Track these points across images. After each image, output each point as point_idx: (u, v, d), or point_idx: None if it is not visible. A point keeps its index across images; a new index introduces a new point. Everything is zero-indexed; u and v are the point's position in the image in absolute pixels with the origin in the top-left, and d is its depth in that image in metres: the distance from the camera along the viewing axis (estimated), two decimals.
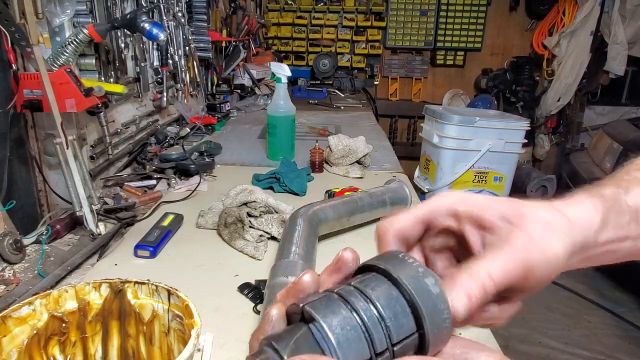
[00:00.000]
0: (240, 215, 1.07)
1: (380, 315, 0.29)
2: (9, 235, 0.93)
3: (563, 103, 4.22)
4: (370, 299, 0.29)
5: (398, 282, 0.30)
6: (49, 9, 1.09)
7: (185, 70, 1.90)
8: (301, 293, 0.32)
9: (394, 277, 0.30)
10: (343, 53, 4.35)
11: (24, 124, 1.12)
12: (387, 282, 0.30)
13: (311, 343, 0.29)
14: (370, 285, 0.30)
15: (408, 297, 0.29)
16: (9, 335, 0.51)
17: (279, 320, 0.32)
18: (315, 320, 0.29)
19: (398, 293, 0.30)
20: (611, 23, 3.80)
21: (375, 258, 0.32)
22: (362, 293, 0.30)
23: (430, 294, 0.29)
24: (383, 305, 0.29)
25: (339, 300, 0.30)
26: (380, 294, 0.29)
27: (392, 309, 0.29)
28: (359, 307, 0.29)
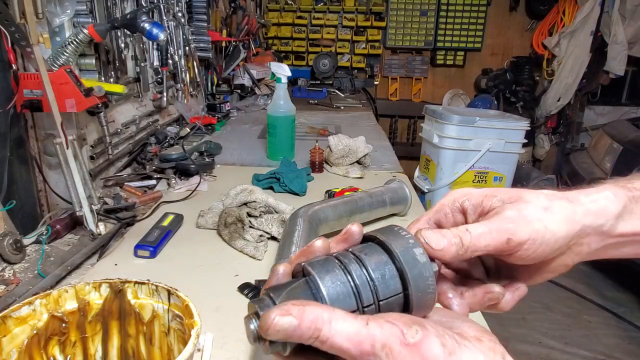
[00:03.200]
0: (240, 215, 1.07)
1: (369, 275, 0.33)
2: (9, 235, 0.93)
3: (563, 103, 4.22)
4: (362, 262, 0.34)
5: (389, 250, 0.34)
6: (49, 9, 1.09)
7: (185, 70, 1.90)
8: (311, 255, 0.36)
9: (386, 246, 0.34)
10: (343, 53, 4.35)
11: (24, 124, 1.12)
12: (380, 250, 0.35)
13: (304, 293, 0.33)
14: (364, 252, 0.35)
15: (397, 263, 0.34)
16: (9, 335, 0.51)
17: (284, 276, 0.36)
18: (310, 274, 0.33)
19: (388, 259, 0.34)
20: (611, 23, 3.80)
21: (375, 230, 0.37)
22: (357, 257, 0.34)
23: (417, 262, 0.34)
24: (373, 268, 0.33)
25: (335, 262, 0.34)
26: (372, 258, 0.34)
27: (380, 271, 0.33)
28: (351, 268, 0.33)
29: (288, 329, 0.30)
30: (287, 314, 0.30)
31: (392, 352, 0.30)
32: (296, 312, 0.30)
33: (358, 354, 0.30)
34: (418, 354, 0.30)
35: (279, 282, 0.36)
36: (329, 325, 0.30)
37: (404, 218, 1.25)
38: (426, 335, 0.30)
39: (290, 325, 0.30)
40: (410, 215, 1.26)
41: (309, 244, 0.37)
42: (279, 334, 0.30)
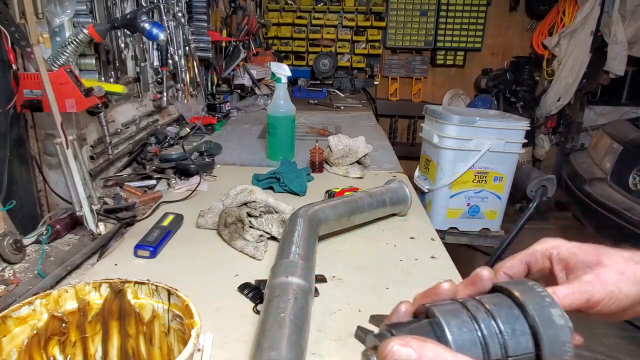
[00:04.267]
0: (240, 215, 1.07)
1: (499, 327, 0.30)
2: (9, 235, 0.93)
3: (563, 103, 4.22)
4: (492, 313, 0.31)
5: (522, 305, 0.31)
6: (49, 9, 1.09)
7: (185, 70, 1.90)
8: (436, 297, 0.35)
9: (519, 300, 0.32)
10: (343, 53, 4.35)
11: (24, 124, 1.12)
12: (512, 303, 0.32)
13: (427, 335, 0.31)
14: (493, 302, 0.32)
15: (530, 320, 0.31)
16: (9, 335, 0.51)
17: (406, 314, 0.36)
18: (435, 317, 0.31)
19: (520, 313, 0.31)
20: (611, 23, 3.80)
21: (506, 282, 0.35)
22: (484, 307, 0.32)
23: (554, 323, 0.31)
24: (503, 321, 0.31)
25: (462, 308, 0.32)
26: (502, 310, 0.31)
27: (511, 326, 0.31)
28: (479, 317, 0.31)
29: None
30: (407, 345, 0.29)
31: None
32: (416, 345, 0.29)
33: None
34: None
35: (399, 320, 0.35)
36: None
37: (404, 218, 1.25)
38: None
39: (409, 357, 0.29)
40: (410, 216, 1.26)
41: (435, 286, 0.36)
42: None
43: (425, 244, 1.11)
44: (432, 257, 1.04)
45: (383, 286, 0.91)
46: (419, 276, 0.96)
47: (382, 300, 0.87)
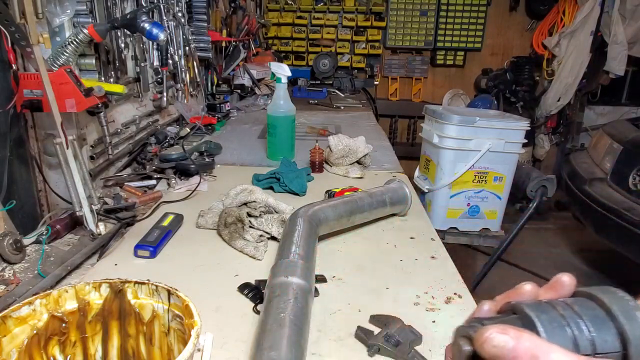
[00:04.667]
0: (240, 215, 1.07)
1: (586, 325, 0.32)
2: (9, 235, 0.93)
3: (563, 103, 4.22)
4: (577, 312, 0.32)
5: (607, 306, 0.32)
6: (49, 9, 1.09)
7: (185, 70, 1.90)
8: (519, 297, 0.35)
9: (604, 302, 0.33)
10: (343, 53, 4.35)
11: (24, 124, 1.12)
12: (596, 306, 0.33)
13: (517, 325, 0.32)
14: (578, 303, 0.33)
15: (616, 321, 0.32)
16: (9, 335, 0.51)
17: (489, 313, 0.36)
18: (524, 312, 0.32)
19: (605, 315, 0.32)
20: (611, 23, 3.80)
21: (588, 288, 0.35)
22: (570, 307, 0.33)
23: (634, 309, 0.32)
24: (590, 320, 0.32)
25: (549, 306, 0.33)
26: (587, 310, 0.33)
27: (596, 326, 0.32)
28: (567, 314, 0.32)
29: (504, 347, 0.30)
30: (505, 332, 0.30)
31: None
32: (513, 334, 0.30)
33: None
34: None
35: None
36: (548, 356, 0.29)
37: (404, 218, 1.25)
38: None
39: (507, 344, 0.30)
40: (410, 216, 1.26)
41: (517, 287, 0.36)
42: (493, 349, 0.30)
43: (425, 244, 1.11)
44: (432, 257, 1.04)
45: (383, 286, 0.91)
46: (419, 276, 0.96)
47: (382, 300, 0.87)
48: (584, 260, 3.33)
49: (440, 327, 0.79)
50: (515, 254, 3.04)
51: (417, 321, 0.78)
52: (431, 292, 0.90)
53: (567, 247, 3.52)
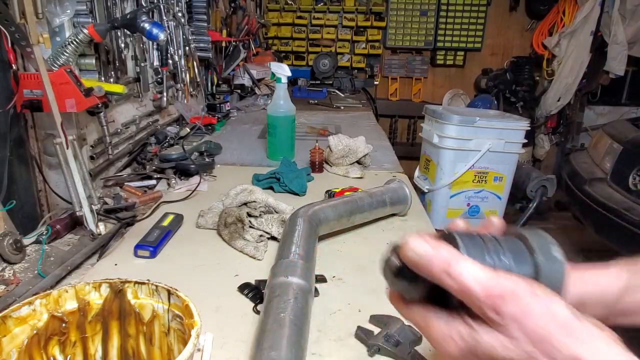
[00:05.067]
0: (240, 215, 1.07)
1: (506, 256, 0.36)
2: (9, 235, 0.93)
3: (563, 103, 4.22)
4: (501, 245, 0.37)
5: (528, 242, 0.37)
6: (49, 9, 1.09)
7: (185, 70, 1.90)
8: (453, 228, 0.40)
9: (526, 238, 0.37)
10: (343, 53, 4.35)
11: (24, 124, 1.12)
12: (519, 241, 0.37)
13: None
14: (505, 238, 0.38)
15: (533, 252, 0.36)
16: (9, 335, 0.51)
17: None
18: (451, 234, 0.37)
19: (524, 246, 0.37)
20: (611, 23, 3.80)
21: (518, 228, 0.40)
22: (496, 240, 0.37)
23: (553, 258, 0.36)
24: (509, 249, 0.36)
25: (477, 236, 0.37)
26: (509, 242, 0.37)
27: (514, 253, 0.36)
28: (486, 239, 0.37)
29: (424, 255, 0.35)
30: (425, 242, 0.35)
31: (519, 299, 0.33)
32: (433, 244, 0.35)
33: (484, 295, 0.33)
34: (545, 307, 0.33)
35: None
36: (460, 264, 0.34)
37: (404, 218, 1.25)
38: (555, 296, 0.34)
39: (427, 252, 0.35)
40: (410, 216, 1.26)
41: (451, 222, 0.41)
42: (415, 257, 0.36)
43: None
44: None
45: (383, 286, 0.91)
46: None
47: (382, 300, 0.87)
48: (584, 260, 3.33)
49: None
50: None
51: None
52: None
53: (567, 247, 3.51)
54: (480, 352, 0.35)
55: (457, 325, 0.36)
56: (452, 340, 0.36)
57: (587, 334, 0.33)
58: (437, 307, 0.37)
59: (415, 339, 0.73)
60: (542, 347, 0.33)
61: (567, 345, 0.32)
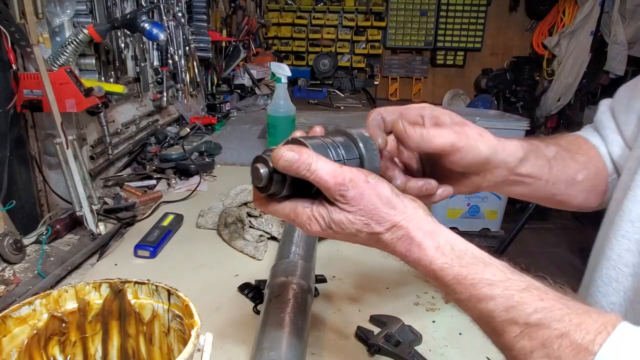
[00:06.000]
0: (240, 215, 1.07)
1: (335, 142, 0.51)
2: (9, 235, 0.93)
3: (563, 103, 4.22)
4: (334, 141, 0.51)
5: (352, 137, 0.51)
6: (49, 9, 1.09)
7: (185, 70, 1.90)
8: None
9: (350, 134, 0.52)
10: (343, 53, 4.35)
11: (24, 124, 1.12)
12: (347, 137, 0.52)
13: None
14: (335, 136, 0.52)
15: (357, 145, 0.51)
16: (9, 335, 0.51)
17: None
18: (298, 139, 0.50)
19: (351, 142, 0.51)
20: (611, 23, 3.80)
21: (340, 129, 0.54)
22: (329, 139, 0.51)
23: (368, 140, 0.51)
24: (341, 145, 0.51)
25: (316, 138, 0.52)
26: (340, 140, 0.51)
27: (346, 149, 0.50)
28: (326, 141, 0.51)
29: (292, 159, 0.45)
30: (291, 150, 0.46)
31: (356, 185, 0.46)
32: (296, 149, 0.46)
33: (333, 184, 0.45)
34: (374, 190, 0.46)
35: None
36: (316, 163, 0.46)
37: None
38: (381, 180, 0.48)
39: (293, 157, 0.45)
40: None
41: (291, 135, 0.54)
42: (286, 162, 0.45)
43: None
44: None
45: (383, 286, 0.91)
46: (419, 276, 0.96)
47: (382, 300, 0.87)
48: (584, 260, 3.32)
49: (440, 327, 0.79)
50: (515, 254, 3.04)
51: (417, 321, 0.78)
52: (431, 292, 0.90)
53: (567, 247, 3.52)
54: (334, 226, 0.47)
55: (319, 208, 0.48)
56: (317, 220, 0.48)
57: (402, 205, 0.47)
58: (301, 199, 0.49)
59: (415, 338, 0.73)
60: (372, 217, 0.46)
61: (388, 213, 0.46)
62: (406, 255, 0.47)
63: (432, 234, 0.46)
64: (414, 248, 0.46)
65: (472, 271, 0.44)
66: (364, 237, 0.47)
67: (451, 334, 0.77)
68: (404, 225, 0.46)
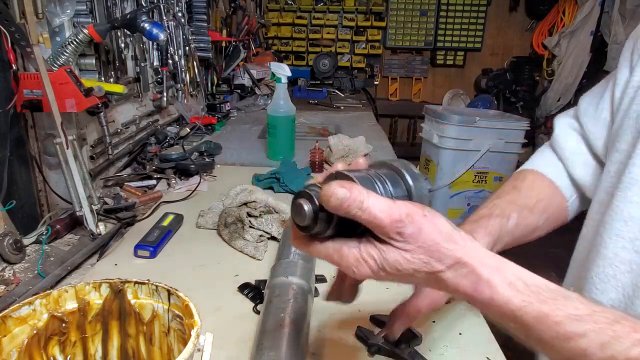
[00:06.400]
0: (240, 215, 1.07)
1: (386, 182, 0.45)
2: (9, 235, 0.93)
3: (563, 103, 4.22)
4: (378, 174, 0.46)
5: (399, 170, 0.47)
6: (49, 9, 1.09)
7: (185, 70, 1.90)
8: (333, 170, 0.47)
9: (396, 167, 0.47)
10: (343, 53, 4.35)
11: (24, 124, 1.12)
12: (391, 170, 0.47)
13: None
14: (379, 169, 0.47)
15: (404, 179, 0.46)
16: (9, 335, 0.51)
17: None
18: (345, 174, 0.44)
19: (397, 175, 0.46)
20: (611, 23, 3.80)
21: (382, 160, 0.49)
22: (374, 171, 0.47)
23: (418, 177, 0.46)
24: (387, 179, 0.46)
25: (360, 171, 0.46)
26: (385, 172, 0.46)
27: (392, 182, 0.46)
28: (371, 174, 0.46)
29: (343, 197, 0.40)
30: (342, 186, 0.41)
31: (414, 220, 0.41)
32: (348, 186, 0.41)
33: (389, 221, 0.40)
34: (432, 224, 0.42)
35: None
36: (368, 199, 0.41)
37: None
38: (438, 215, 0.43)
39: (345, 194, 0.40)
40: None
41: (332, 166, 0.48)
42: (337, 201, 0.40)
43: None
44: None
45: (383, 286, 0.91)
46: None
47: (382, 300, 0.87)
48: None
49: (440, 327, 0.79)
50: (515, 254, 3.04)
51: (417, 321, 0.78)
52: None
53: (567, 247, 3.51)
54: (388, 268, 0.42)
55: (368, 249, 0.43)
56: (366, 262, 0.43)
57: (462, 239, 0.42)
58: (345, 238, 0.44)
59: (415, 338, 0.73)
60: (433, 254, 0.41)
61: (450, 250, 0.41)
62: (474, 295, 0.42)
63: (499, 270, 0.42)
64: (482, 287, 0.41)
65: (554, 307, 0.40)
66: (421, 277, 0.43)
67: (451, 334, 0.77)
68: (467, 262, 0.41)
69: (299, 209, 0.44)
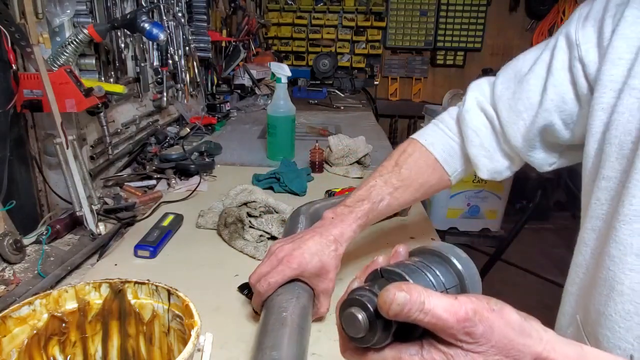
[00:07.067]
0: (240, 215, 1.07)
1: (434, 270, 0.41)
2: (9, 235, 0.93)
3: None
4: (425, 263, 0.42)
5: (443, 255, 0.43)
6: (49, 9, 1.09)
7: (185, 70, 1.90)
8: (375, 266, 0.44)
9: (440, 252, 0.43)
10: (343, 53, 4.35)
11: (24, 124, 1.12)
12: (435, 256, 0.43)
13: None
14: (422, 258, 0.43)
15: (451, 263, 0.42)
16: (9, 335, 0.51)
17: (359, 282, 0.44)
18: (394, 271, 0.41)
19: (443, 261, 0.42)
20: None
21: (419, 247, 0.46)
22: (420, 261, 0.42)
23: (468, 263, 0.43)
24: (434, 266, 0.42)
25: (406, 264, 0.42)
26: (431, 260, 0.43)
27: (440, 270, 0.41)
28: (418, 265, 0.42)
29: (404, 302, 0.36)
30: (401, 289, 0.36)
31: (482, 317, 0.36)
32: (406, 288, 0.36)
33: (455, 321, 0.36)
34: (502, 318, 0.37)
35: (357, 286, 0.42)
36: (429, 299, 0.36)
37: (405, 219, 1.25)
38: (505, 305, 0.38)
39: (405, 298, 0.36)
40: (410, 216, 1.26)
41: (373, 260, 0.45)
42: (398, 307, 0.36)
43: (425, 244, 1.11)
44: None
45: None
46: None
47: None
48: None
49: None
50: (515, 254, 3.04)
51: None
52: None
53: (567, 247, 3.52)
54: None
55: (433, 354, 0.37)
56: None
57: (535, 330, 0.38)
58: (403, 344, 0.39)
59: None
60: (509, 353, 0.37)
61: (527, 345, 0.37)
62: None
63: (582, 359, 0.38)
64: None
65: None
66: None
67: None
68: (548, 356, 0.37)
69: (351, 320, 0.39)
